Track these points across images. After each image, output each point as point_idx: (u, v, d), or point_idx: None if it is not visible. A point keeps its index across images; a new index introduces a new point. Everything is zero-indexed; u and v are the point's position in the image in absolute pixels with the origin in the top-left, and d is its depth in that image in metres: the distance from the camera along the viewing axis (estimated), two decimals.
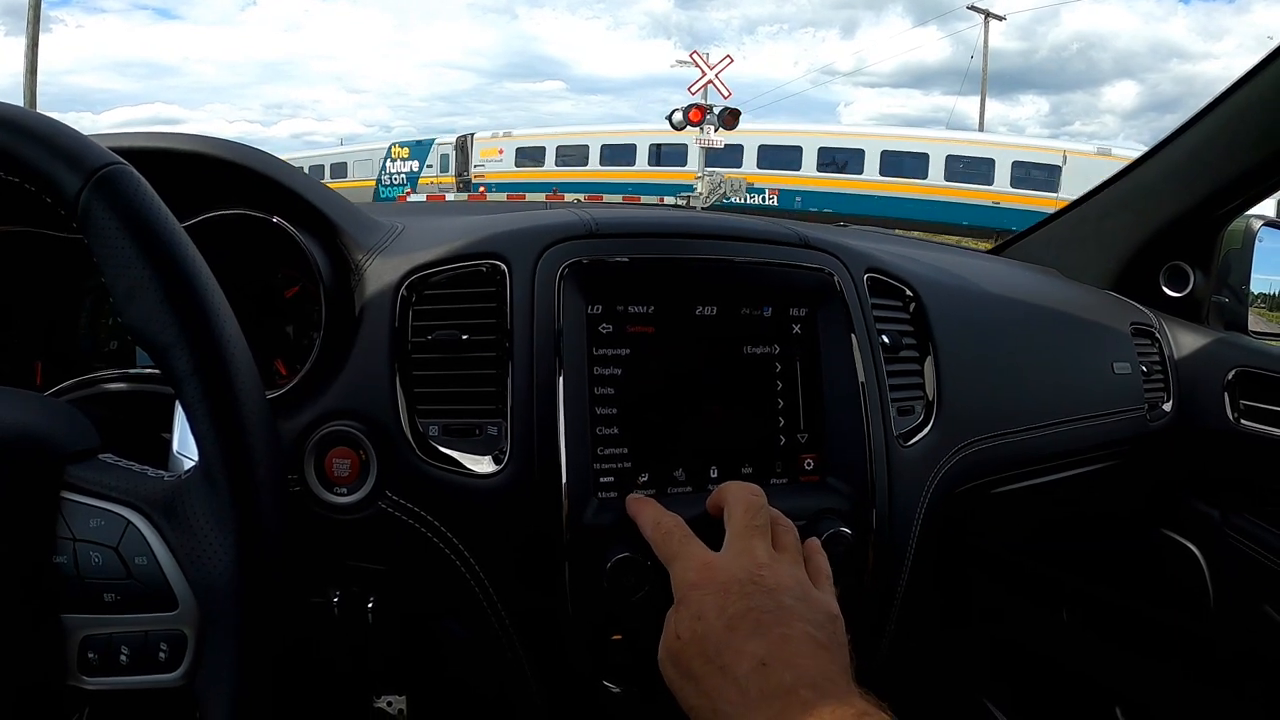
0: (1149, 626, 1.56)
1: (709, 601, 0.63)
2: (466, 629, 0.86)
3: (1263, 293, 1.60)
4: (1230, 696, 1.46)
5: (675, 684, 0.63)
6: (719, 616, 0.61)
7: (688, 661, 0.62)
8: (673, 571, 0.68)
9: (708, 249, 0.88)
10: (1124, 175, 1.54)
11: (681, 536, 0.71)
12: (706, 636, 0.61)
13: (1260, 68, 1.29)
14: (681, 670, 0.62)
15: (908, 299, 1.03)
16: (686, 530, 0.72)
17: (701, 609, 0.63)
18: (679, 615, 0.65)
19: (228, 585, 0.56)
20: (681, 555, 0.69)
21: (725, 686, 0.58)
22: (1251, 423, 1.38)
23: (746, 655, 0.58)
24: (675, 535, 0.71)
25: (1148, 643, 1.57)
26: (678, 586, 0.67)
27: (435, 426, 0.81)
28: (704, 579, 0.65)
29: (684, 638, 0.63)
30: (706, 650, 0.60)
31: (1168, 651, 1.54)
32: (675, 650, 0.63)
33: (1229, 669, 1.47)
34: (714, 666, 0.59)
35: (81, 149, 0.56)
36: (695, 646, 0.61)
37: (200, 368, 0.55)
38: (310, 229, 0.87)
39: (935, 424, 1.00)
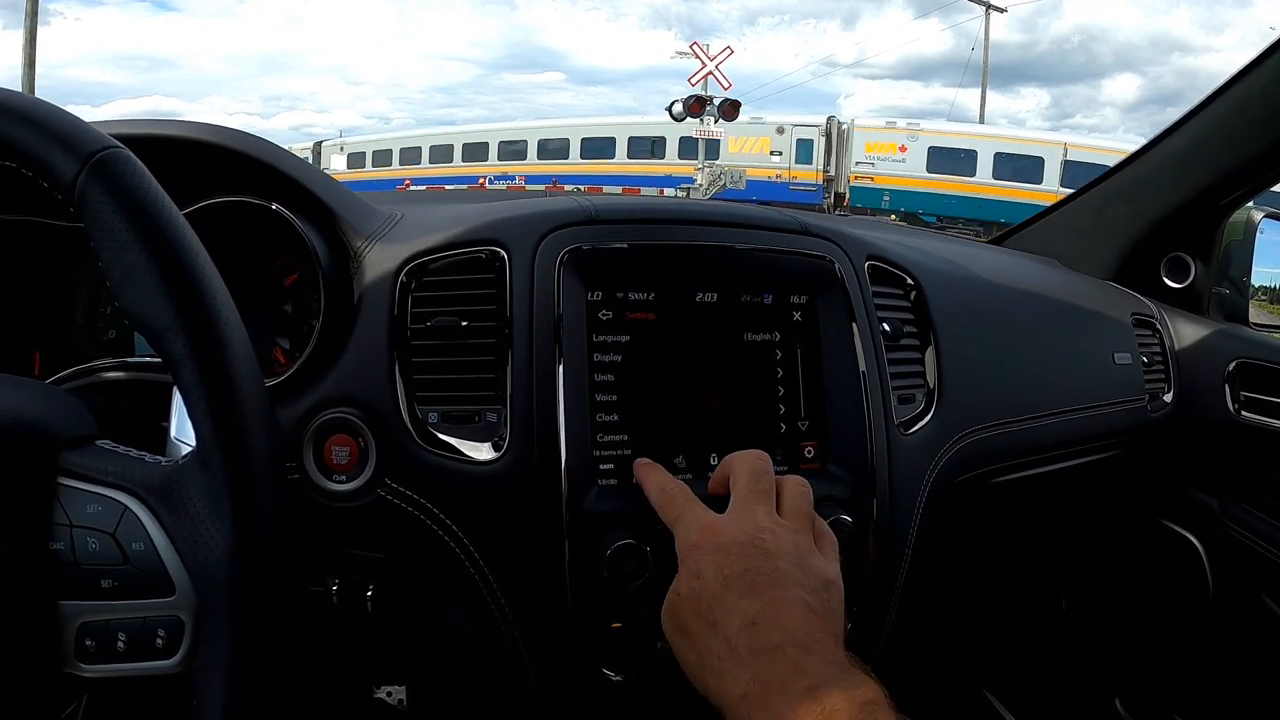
0: (1148, 618, 1.56)
1: (707, 561, 0.64)
2: (465, 617, 0.85)
3: (1264, 285, 1.60)
4: (1228, 688, 1.47)
5: (671, 639, 0.66)
6: (715, 576, 0.63)
7: (684, 617, 0.64)
8: (676, 533, 0.69)
9: (708, 235, 0.88)
10: (1125, 166, 1.54)
11: (685, 500, 0.71)
12: (702, 595, 0.63)
13: (1261, 59, 1.29)
14: (677, 626, 0.65)
15: (909, 287, 1.03)
16: (690, 494, 0.72)
17: (700, 568, 0.64)
18: (680, 574, 0.66)
19: (225, 570, 0.55)
20: (685, 517, 0.70)
21: (715, 642, 0.60)
22: (1251, 414, 1.38)
23: (738, 613, 0.60)
24: (679, 499, 0.72)
25: (1146, 634, 1.57)
26: (680, 547, 0.68)
27: (434, 413, 0.81)
28: (705, 540, 0.66)
29: (683, 595, 0.65)
30: (700, 607, 0.62)
31: (1166, 643, 1.54)
32: (674, 607, 0.66)
33: (1227, 662, 1.47)
34: (705, 623, 0.61)
35: (78, 133, 0.56)
36: (691, 604, 0.63)
37: (197, 351, 0.55)
38: (309, 216, 0.87)
39: (936, 412, 0.99)
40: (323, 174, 0.92)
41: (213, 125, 0.88)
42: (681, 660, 0.65)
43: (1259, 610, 1.37)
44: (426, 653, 1.14)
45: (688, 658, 0.63)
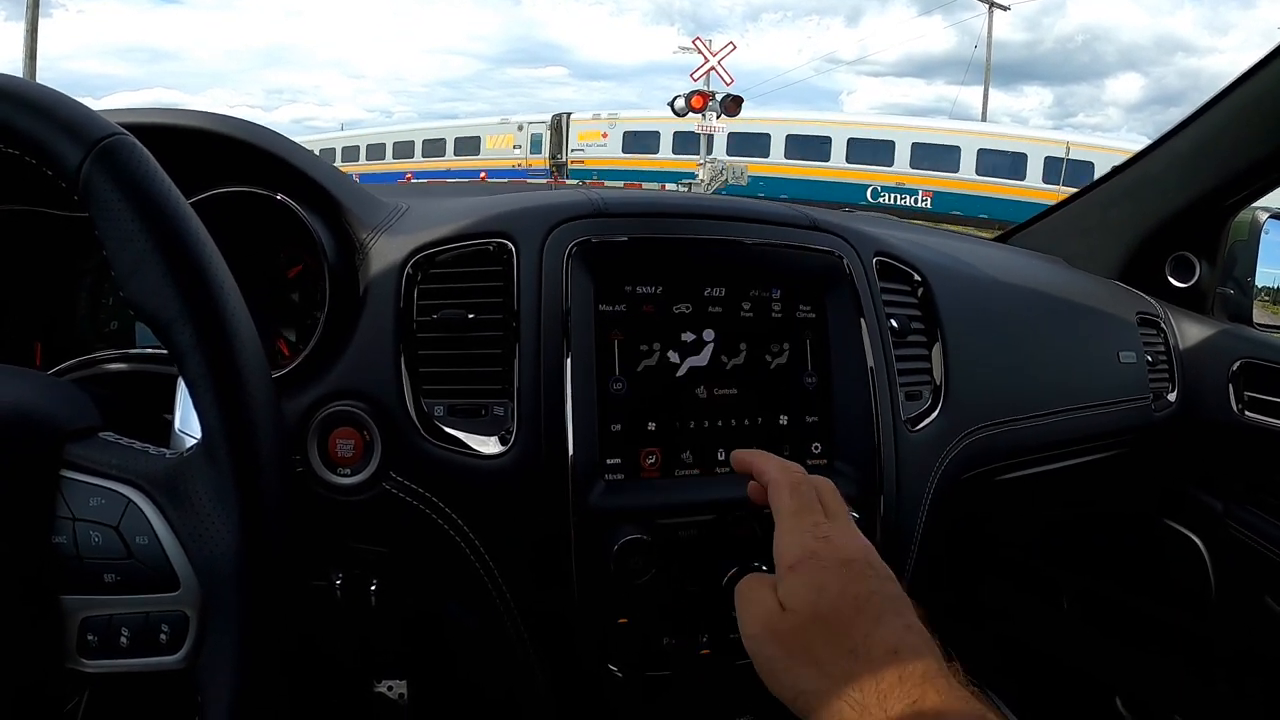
0: (1150, 616, 1.56)
1: (832, 577, 0.59)
2: (470, 612, 0.85)
3: (1266, 286, 1.60)
4: (1228, 687, 1.47)
5: (776, 662, 0.58)
6: (843, 594, 0.57)
7: (805, 639, 0.57)
8: (786, 532, 0.63)
9: (716, 230, 0.88)
10: (1130, 165, 1.53)
11: (809, 494, 0.66)
12: (831, 614, 0.57)
13: (1268, 60, 1.29)
14: (792, 647, 0.57)
15: (916, 284, 1.02)
16: (814, 491, 0.67)
17: (824, 582, 0.58)
18: (792, 584, 0.60)
19: (230, 565, 0.55)
20: (804, 519, 0.64)
21: (856, 670, 0.54)
22: (1255, 414, 1.37)
23: (878, 641, 0.55)
24: (803, 489, 0.66)
25: (1148, 633, 1.57)
26: (792, 552, 0.62)
27: (440, 407, 0.81)
28: (825, 550, 0.61)
29: (799, 611, 0.58)
30: (832, 629, 0.56)
31: (1168, 642, 1.54)
32: (783, 623, 0.59)
33: (1228, 662, 1.47)
34: (842, 649, 0.55)
35: (83, 120, 0.55)
36: (818, 624, 0.57)
37: (203, 342, 0.54)
38: (315, 207, 0.86)
39: (943, 409, 0.99)
40: (329, 165, 0.92)
41: (219, 115, 0.88)
42: (793, 683, 0.57)
43: (1261, 610, 1.37)
44: (429, 647, 1.13)
45: (809, 682, 0.56)
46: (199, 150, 0.86)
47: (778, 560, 0.62)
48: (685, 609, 0.80)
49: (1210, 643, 1.49)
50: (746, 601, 0.63)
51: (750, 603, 0.62)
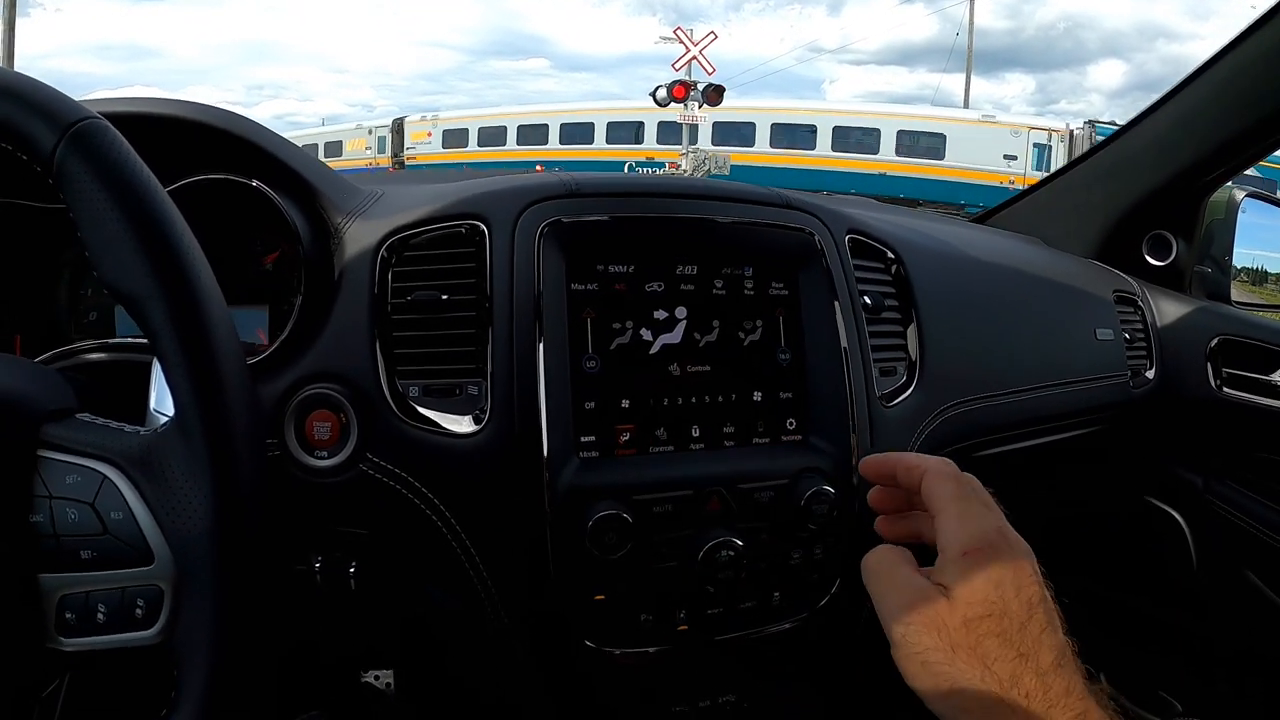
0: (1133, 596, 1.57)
1: (1008, 575, 0.55)
2: (449, 593, 0.85)
3: (1246, 267, 1.61)
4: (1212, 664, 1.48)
5: (933, 654, 0.54)
6: (1018, 595, 0.54)
7: (975, 633, 0.53)
8: (953, 518, 0.59)
9: (688, 208, 0.88)
10: (1107, 145, 1.55)
11: (974, 482, 0.62)
12: (1007, 613, 0.54)
13: (1242, 38, 1.30)
14: (956, 640, 0.54)
15: (890, 261, 1.03)
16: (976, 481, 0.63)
17: (1001, 578, 0.55)
18: (964, 569, 0.56)
19: (203, 537, 0.55)
20: (976, 503, 0.60)
21: (1024, 674, 0.51)
22: (1233, 390, 1.39)
23: (1047, 647, 0.53)
24: (965, 477, 0.63)
25: (1131, 613, 1.58)
26: (965, 536, 0.58)
27: (415, 387, 0.81)
28: (1002, 544, 0.57)
29: (972, 602, 0.54)
30: (1007, 629, 0.53)
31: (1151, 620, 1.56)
32: (949, 614, 0.55)
33: (1212, 639, 1.48)
34: (1013, 649, 0.52)
35: (57, 104, 0.56)
36: (991, 620, 0.53)
37: (175, 318, 0.55)
38: (290, 193, 0.87)
39: (918, 385, 1.00)
40: (303, 152, 0.92)
41: (193, 103, 0.88)
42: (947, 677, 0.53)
43: (1242, 585, 1.39)
44: (413, 634, 1.14)
45: (968, 681, 0.52)
46: (175, 138, 0.86)
47: (947, 546, 0.58)
48: (662, 585, 0.81)
49: (1193, 620, 1.50)
50: (892, 582, 0.59)
51: (899, 584, 0.58)
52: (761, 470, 0.84)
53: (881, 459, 0.68)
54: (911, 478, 0.64)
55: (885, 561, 0.60)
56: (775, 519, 0.84)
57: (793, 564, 0.86)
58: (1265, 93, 1.29)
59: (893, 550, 0.62)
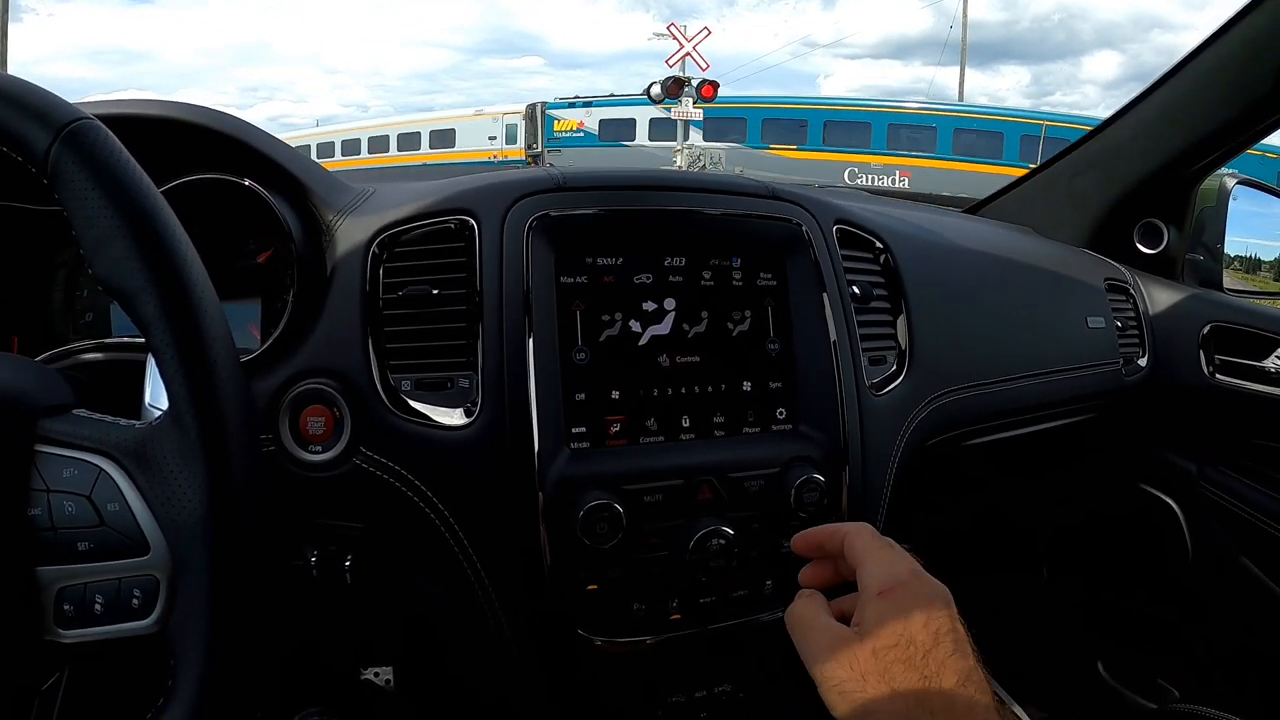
0: (1129, 583, 1.58)
1: (917, 608, 0.60)
2: (443, 585, 0.86)
3: (1239, 255, 1.62)
4: (1208, 649, 1.49)
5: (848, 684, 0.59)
6: (925, 626, 0.59)
7: (883, 662, 0.58)
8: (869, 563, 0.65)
9: (675, 200, 0.89)
10: (1097, 134, 1.55)
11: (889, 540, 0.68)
12: (913, 642, 0.58)
13: (1230, 25, 1.31)
14: (867, 670, 0.58)
15: (878, 251, 1.04)
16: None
17: (911, 611, 0.60)
18: (879, 608, 0.61)
19: (198, 525, 0.56)
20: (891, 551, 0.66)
21: (929, 695, 0.56)
22: (1226, 377, 1.39)
23: (951, 670, 0.57)
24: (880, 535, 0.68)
25: (1128, 598, 1.59)
26: (879, 579, 0.63)
27: (407, 381, 0.82)
28: (915, 582, 0.63)
29: (881, 635, 0.59)
30: (912, 657, 0.58)
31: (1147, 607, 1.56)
32: (860, 647, 0.59)
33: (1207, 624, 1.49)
34: (918, 674, 0.57)
35: (51, 106, 0.57)
36: (898, 649, 0.58)
37: (168, 311, 0.56)
38: (281, 191, 0.88)
39: (907, 374, 1.01)
40: (294, 150, 0.93)
41: (185, 104, 0.89)
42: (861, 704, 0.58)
43: (1238, 571, 1.39)
44: (412, 628, 1.15)
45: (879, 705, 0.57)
46: (167, 139, 0.87)
47: (865, 589, 0.63)
48: (654, 575, 0.82)
49: (1189, 606, 1.51)
50: (809, 628, 0.64)
51: (813, 629, 0.64)
52: (751, 459, 0.85)
53: (808, 534, 0.72)
54: (835, 541, 0.69)
55: (805, 612, 0.66)
56: (766, 508, 0.85)
57: (784, 552, 0.86)
58: (1253, 79, 1.30)
59: (810, 602, 0.67)
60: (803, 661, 0.63)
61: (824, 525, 0.72)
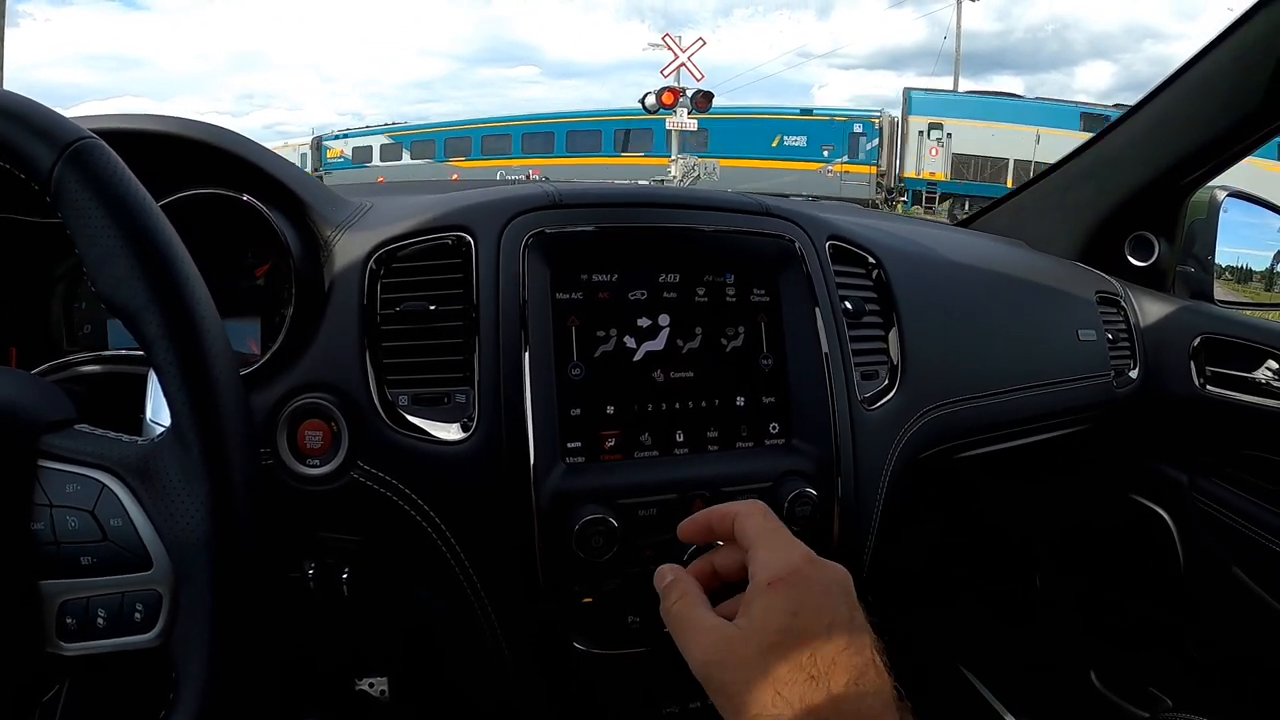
0: (1121, 592, 1.59)
1: (809, 599, 0.57)
2: (439, 598, 0.87)
3: (1230, 265, 1.63)
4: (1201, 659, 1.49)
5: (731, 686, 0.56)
6: (817, 619, 0.56)
7: (767, 661, 0.55)
8: (761, 551, 0.61)
9: (670, 217, 0.90)
10: (1088, 147, 1.56)
11: (779, 522, 0.64)
12: (799, 638, 0.55)
13: (1220, 40, 1.32)
14: (751, 671, 0.55)
15: (870, 266, 1.05)
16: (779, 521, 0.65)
17: (801, 605, 0.57)
18: (764, 604, 0.57)
19: (200, 540, 0.57)
20: (779, 537, 0.62)
21: (815, 696, 0.53)
22: (1216, 388, 1.40)
23: (841, 669, 0.53)
24: (772, 514, 0.65)
25: (1120, 608, 1.59)
26: (770, 568, 0.59)
27: (405, 396, 0.83)
28: (809, 570, 0.59)
29: (765, 631, 0.56)
30: (799, 655, 0.54)
31: (1140, 616, 1.57)
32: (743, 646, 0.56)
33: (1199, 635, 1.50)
34: (806, 674, 0.54)
35: (54, 124, 0.57)
36: (782, 647, 0.55)
37: (171, 329, 0.57)
38: (279, 206, 0.89)
39: (900, 388, 1.01)
40: (292, 165, 0.94)
41: (184, 119, 0.89)
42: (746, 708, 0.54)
43: (1230, 581, 1.40)
44: (408, 640, 1.15)
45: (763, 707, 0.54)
46: (166, 154, 0.88)
47: (755, 578, 0.59)
48: (649, 587, 0.82)
49: (1181, 617, 1.51)
50: (688, 627, 0.60)
51: (694, 629, 0.60)
52: (745, 473, 0.86)
53: (694, 519, 0.69)
54: (725, 524, 0.66)
55: (683, 610, 0.62)
56: None
57: None
58: (1244, 93, 1.31)
59: (687, 597, 0.63)
60: (688, 664, 0.59)
61: (715, 506, 0.69)
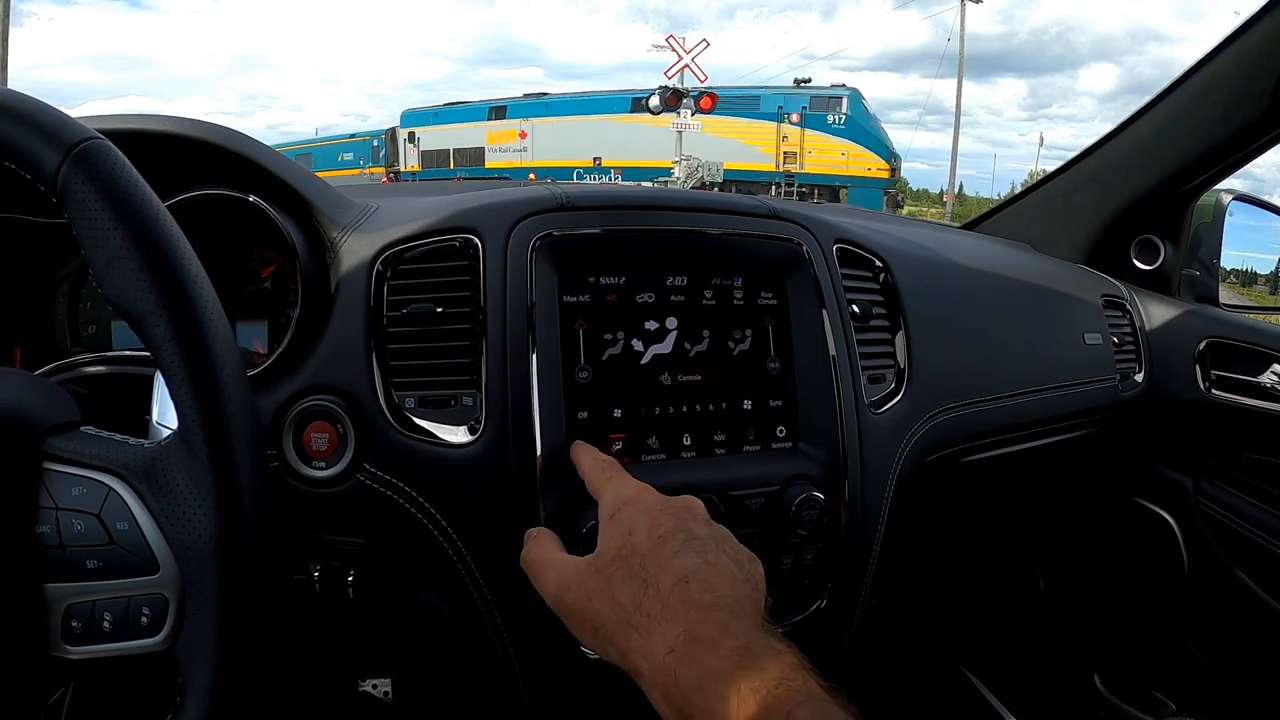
0: (1125, 595, 1.59)
1: (642, 519, 0.63)
2: (445, 600, 0.87)
3: (1235, 269, 1.63)
4: (1205, 663, 1.49)
5: (576, 608, 0.62)
6: (649, 533, 0.62)
7: (605, 578, 0.61)
8: (604, 494, 0.69)
9: (678, 220, 0.90)
10: (1094, 150, 1.56)
11: (616, 468, 0.72)
12: (634, 551, 0.61)
13: (1226, 43, 1.32)
14: (591, 590, 0.61)
15: (877, 269, 1.05)
16: (619, 466, 0.73)
17: (634, 524, 0.63)
18: (607, 532, 0.64)
19: (207, 545, 0.57)
20: (616, 480, 0.70)
21: (645, 597, 0.58)
22: (1222, 392, 1.40)
23: (671, 569, 0.58)
24: (610, 466, 0.73)
25: (1124, 611, 1.59)
26: (610, 505, 0.67)
27: (411, 398, 0.83)
28: (640, 496, 0.66)
29: (608, 552, 0.62)
30: (631, 564, 0.60)
31: (1144, 620, 1.57)
32: (585, 571, 0.63)
33: (1204, 637, 1.49)
34: (637, 579, 0.59)
35: (60, 125, 0.57)
36: (620, 561, 0.61)
37: (178, 333, 0.56)
38: (286, 208, 0.88)
39: (906, 392, 1.01)
40: (299, 167, 0.94)
41: (190, 119, 0.89)
42: (590, 621, 0.60)
43: (1234, 585, 1.40)
44: (412, 642, 1.15)
45: (604, 618, 0.59)
46: (172, 155, 0.87)
47: (601, 516, 0.67)
48: None
49: (1186, 620, 1.51)
50: (541, 566, 0.67)
51: (545, 566, 0.67)
52: (752, 477, 0.86)
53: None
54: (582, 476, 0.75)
55: (537, 553, 0.69)
56: (766, 525, 0.85)
57: (784, 569, 0.87)
58: (1249, 97, 1.30)
59: (540, 542, 0.70)
60: (547, 604, 0.65)
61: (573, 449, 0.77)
